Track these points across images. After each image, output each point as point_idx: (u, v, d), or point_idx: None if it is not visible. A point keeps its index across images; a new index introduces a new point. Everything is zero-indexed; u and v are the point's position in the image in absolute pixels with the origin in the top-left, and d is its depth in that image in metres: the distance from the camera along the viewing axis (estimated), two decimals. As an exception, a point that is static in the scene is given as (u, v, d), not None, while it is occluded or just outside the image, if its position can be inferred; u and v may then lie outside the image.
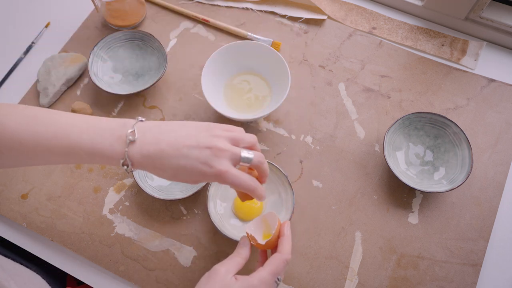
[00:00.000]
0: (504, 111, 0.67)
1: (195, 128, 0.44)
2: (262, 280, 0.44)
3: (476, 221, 0.60)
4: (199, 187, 0.60)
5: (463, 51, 0.72)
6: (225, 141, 0.43)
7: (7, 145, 0.44)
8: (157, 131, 0.44)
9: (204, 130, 0.44)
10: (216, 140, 0.43)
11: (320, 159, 0.65)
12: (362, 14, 0.76)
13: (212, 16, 0.76)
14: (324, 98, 0.69)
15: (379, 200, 0.62)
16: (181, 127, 0.44)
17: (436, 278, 0.58)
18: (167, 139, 0.43)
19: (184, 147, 0.42)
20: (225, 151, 0.42)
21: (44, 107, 0.69)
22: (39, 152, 0.45)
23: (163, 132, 0.44)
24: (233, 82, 0.69)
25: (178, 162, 0.42)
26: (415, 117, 0.63)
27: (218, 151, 0.42)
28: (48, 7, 0.79)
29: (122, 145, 0.43)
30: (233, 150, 0.43)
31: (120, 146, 0.43)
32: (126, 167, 0.44)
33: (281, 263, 0.45)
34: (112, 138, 0.43)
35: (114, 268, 0.59)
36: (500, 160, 0.64)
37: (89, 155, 0.44)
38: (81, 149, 0.44)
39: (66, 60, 0.70)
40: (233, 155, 0.43)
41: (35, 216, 0.62)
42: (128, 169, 0.44)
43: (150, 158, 0.43)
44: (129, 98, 0.70)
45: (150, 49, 0.71)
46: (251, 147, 0.46)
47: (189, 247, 0.60)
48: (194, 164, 0.42)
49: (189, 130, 0.44)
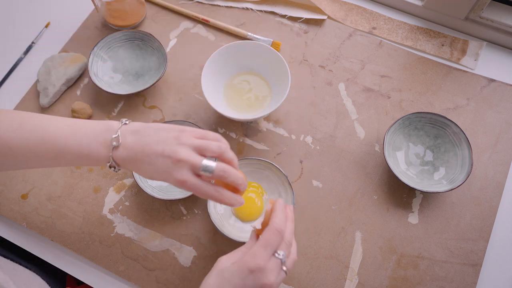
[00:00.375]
0: (504, 111, 0.67)
1: (166, 134, 0.45)
2: (253, 255, 0.41)
3: (476, 221, 0.60)
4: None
5: (463, 51, 0.72)
6: (188, 150, 0.44)
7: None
8: (136, 136, 0.46)
9: (172, 137, 0.45)
10: (179, 149, 0.44)
11: (320, 159, 0.65)
12: (362, 14, 0.76)
13: (212, 16, 0.76)
14: (324, 98, 0.69)
15: (379, 200, 0.62)
16: (156, 132, 0.46)
17: (436, 278, 0.58)
18: (140, 144, 0.45)
19: (152, 154, 0.44)
20: (184, 162, 0.43)
21: (44, 107, 0.69)
22: (28, 157, 0.47)
23: (140, 136, 0.45)
24: (233, 82, 0.69)
25: (146, 167, 0.45)
26: (415, 117, 0.63)
27: (177, 161, 0.43)
28: (48, 7, 0.79)
29: (107, 149, 0.45)
30: (193, 161, 0.43)
31: (105, 150, 0.45)
32: (113, 168, 0.46)
33: (272, 234, 0.43)
34: (97, 142, 0.46)
35: (114, 268, 0.59)
36: (500, 160, 0.64)
37: (76, 158, 0.46)
38: (69, 153, 0.46)
39: (66, 60, 0.70)
40: (193, 166, 0.43)
41: (35, 216, 0.62)
42: (115, 170, 0.47)
43: (128, 162, 0.45)
44: (129, 98, 0.70)
45: (150, 49, 0.71)
46: (218, 156, 0.45)
47: (189, 247, 0.60)
48: (159, 171, 0.44)
49: (161, 136, 0.45)
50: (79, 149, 0.46)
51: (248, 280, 0.41)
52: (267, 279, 0.41)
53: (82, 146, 0.46)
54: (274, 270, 0.42)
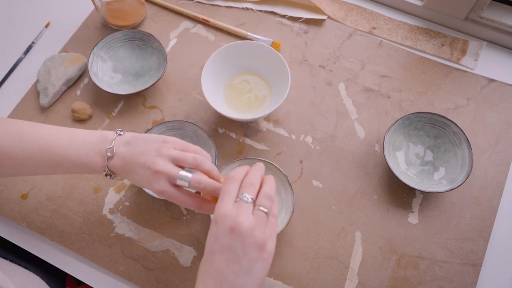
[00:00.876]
0: (504, 111, 0.67)
1: (149, 145, 0.48)
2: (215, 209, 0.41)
3: (476, 221, 0.60)
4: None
5: (463, 51, 0.72)
6: (166, 162, 0.46)
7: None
8: (127, 146, 0.48)
9: (154, 149, 0.47)
10: (157, 161, 0.46)
11: (320, 159, 0.65)
12: (362, 14, 0.76)
13: (212, 16, 0.76)
14: (324, 98, 0.69)
15: (379, 200, 0.62)
16: (143, 143, 0.48)
17: (436, 278, 0.58)
18: (130, 155, 0.48)
19: (137, 164, 0.47)
20: (161, 173, 0.46)
21: (44, 107, 0.69)
22: (26, 165, 0.49)
23: (130, 147, 0.48)
24: (233, 82, 0.69)
25: (134, 177, 0.48)
26: (415, 117, 0.63)
27: (155, 172, 0.46)
28: (48, 7, 0.79)
29: (103, 159, 0.49)
30: (170, 172, 0.46)
31: (101, 160, 0.49)
32: (109, 176, 0.50)
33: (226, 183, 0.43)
34: (93, 152, 0.49)
35: (114, 268, 0.59)
36: (500, 160, 0.64)
37: (74, 167, 0.49)
38: (67, 161, 0.49)
39: (66, 60, 0.70)
40: (169, 177, 0.46)
41: (35, 216, 0.62)
42: (111, 178, 0.51)
43: (121, 170, 0.48)
44: (129, 98, 0.70)
45: (150, 49, 0.71)
46: (195, 167, 0.47)
47: (189, 247, 0.60)
48: (142, 181, 0.47)
49: (146, 147, 0.48)
50: (77, 158, 0.48)
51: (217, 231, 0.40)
52: (233, 221, 0.39)
53: (80, 155, 0.48)
54: (241, 211, 0.40)
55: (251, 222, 0.40)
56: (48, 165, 0.49)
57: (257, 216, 0.41)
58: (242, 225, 0.39)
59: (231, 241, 0.39)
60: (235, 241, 0.39)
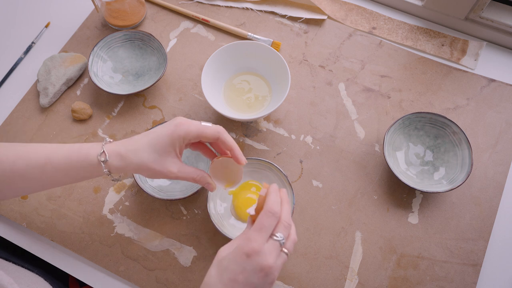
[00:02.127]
0: (504, 111, 0.67)
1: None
2: (248, 239, 0.41)
3: (476, 221, 0.60)
4: (199, 187, 0.60)
5: (463, 51, 0.72)
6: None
7: (6, 179, 0.48)
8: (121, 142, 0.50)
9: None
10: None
11: (320, 159, 0.65)
12: (362, 14, 0.76)
13: (212, 16, 0.76)
14: (324, 98, 0.69)
15: (379, 200, 0.62)
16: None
17: (436, 278, 0.58)
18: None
19: None
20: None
21: (44, 107, 0.69)
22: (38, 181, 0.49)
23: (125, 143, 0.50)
24: (233, 82, 0.69)
25: None
26: (415, 117, 0.63)
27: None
28: (48, 7, 0.79)
29: (100, 167, 0.49)
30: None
31: (99, 167, 0.49)
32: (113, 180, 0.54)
33: (266, 217, 0.42)
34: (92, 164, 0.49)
35: (114, 268, 0.59)
36: (500, 160, 0.64)
37: (79, 178, 0.51)
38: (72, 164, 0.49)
39: (66, 60, 0.70)
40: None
41: (35, 216, 0.62)
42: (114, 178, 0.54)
43: (120, 169, 0.49)
44: (129, 98, 0.70)
45: (150, 49, 0.71)
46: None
47: (189, 247, 0.60)
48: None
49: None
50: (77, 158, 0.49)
51: (246, 265, 0.40)
52: (266, 261, 0.40)
53: (80, 154, 0.49)
54: (273, 252, 0.41)
55: (278, 265, 0.41)
56: (51, 183, 0.50)
57: (281, 258, 0.42)
58: (271, 268, 0.41)
59: (257, 280, 0.40)
60: (260, 280, 0.41)
